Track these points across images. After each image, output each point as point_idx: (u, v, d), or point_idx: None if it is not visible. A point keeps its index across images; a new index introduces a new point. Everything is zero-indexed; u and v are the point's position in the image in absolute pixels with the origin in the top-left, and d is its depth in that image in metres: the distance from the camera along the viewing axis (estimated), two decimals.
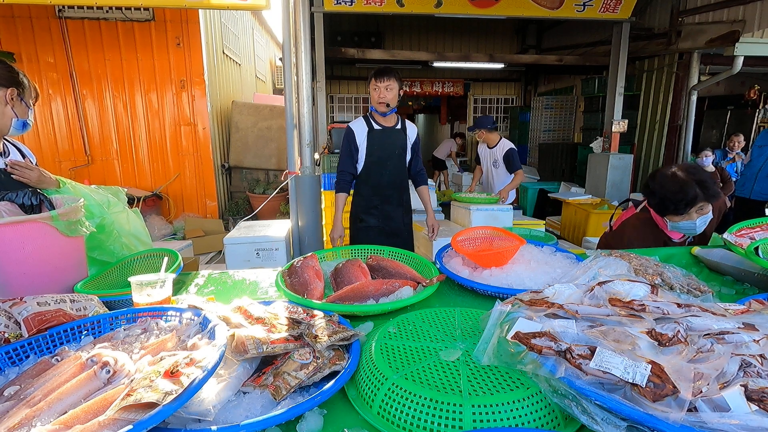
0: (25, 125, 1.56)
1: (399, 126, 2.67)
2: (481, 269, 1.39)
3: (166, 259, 1.26)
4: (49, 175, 1.59)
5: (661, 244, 1.88)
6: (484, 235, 1.64)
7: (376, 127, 2.59)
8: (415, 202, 2.90)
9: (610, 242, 2.07)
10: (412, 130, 2.71)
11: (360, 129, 2.59)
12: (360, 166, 2.63)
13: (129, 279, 1.08)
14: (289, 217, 3.78)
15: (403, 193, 2.75)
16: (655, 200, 1.81)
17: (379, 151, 2.59)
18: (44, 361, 0.79)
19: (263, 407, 0.72)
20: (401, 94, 2.56)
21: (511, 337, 0.77)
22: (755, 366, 0.66)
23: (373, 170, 2.61)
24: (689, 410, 0.59)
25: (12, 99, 1.49)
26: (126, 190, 1.87)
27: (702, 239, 1.98)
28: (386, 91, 2.45)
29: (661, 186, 1.76)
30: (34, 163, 1.70)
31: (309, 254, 1.47)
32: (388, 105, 2.47)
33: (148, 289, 1.06)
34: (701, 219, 1.75)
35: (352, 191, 2.76)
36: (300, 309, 1.01)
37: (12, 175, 1.50)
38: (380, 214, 2.67)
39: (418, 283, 1.28)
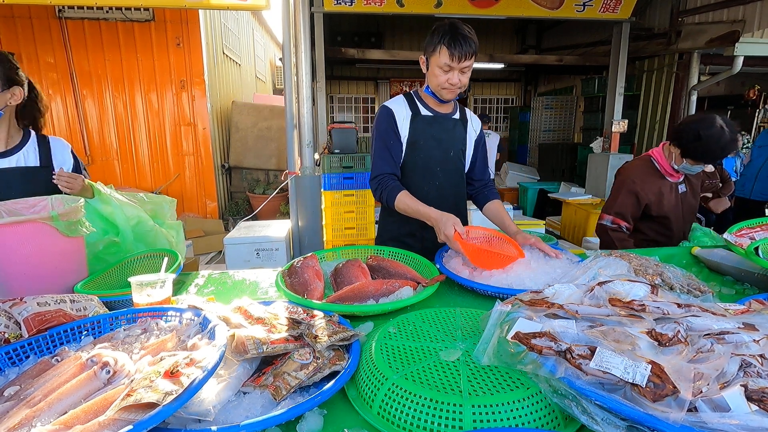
0: None
1: (457, 114, 1.76)
2: (480, 269, 1.39)
3: (166, 259, 1.26)
4: (89, 184, 1.59)
5: (658, 185, 2.06)
6: (485, 236, 1.60)
7: (423, 111, 1.69)
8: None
9: (611, 193, 2.18)
10: (477, 122, 1.83)
11: (401, 111, 1.68)
12: None
13: (129, 279, 1.08)
14: (289, 218, 3.78)
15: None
16: (699, 147, 1.87)
17: (425, 149, 1.69)
18: (44, 362, 0.79)
19: (263, 407, 0.72)
20: None
21: (511, 338, 0.76)
22: (755, 366, 0.66)
23: (415, 177, 1.72)
24: (689, 410, 0.59)
25: None
26: (175, 201, 1.79)
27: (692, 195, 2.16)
28: (462, 75, 1.55)
29: (708, 137, 1.83)
30: (68, 155, 1.68)
31: (309, 254, 1.47)
32: (459, 95, 1.65)
33: (148, 289, 1.06)
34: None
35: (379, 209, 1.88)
36: (300, 309, 1.01)
37: (58, 185, 1.51)
38: (420, 245, 1.71)
39: (418, 283, 1.28)
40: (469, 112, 1.83)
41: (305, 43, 3.12)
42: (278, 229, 3.84)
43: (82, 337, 0.91)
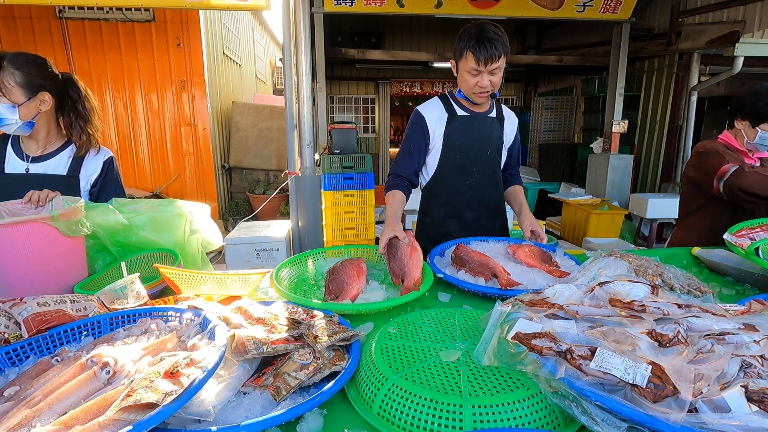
0: None
1: (493, 112, 1.76)
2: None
3: (123, 264, 1.22)
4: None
5: (738, 160, 1.94)
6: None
7: (460, 112, 1.71)
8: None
9: (703, 162, 2.04)
10: (514, 120, 1.83)
11: (434, 115, 1.71)
12: (429, 174, 1.79)
13: (96, 294, 1.07)
14: (289, 218, 3.78)
15: (497, 218, 1.86)
16: (757, 106, 1.86)
17: (461, 149, 1.71)
18: (44, 362, 0.79)
19: (263, 408, 0.72)
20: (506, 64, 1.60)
21: (512, 338, 0.76)
22: (756, 367, 0.66)
23: (451, 177, 1.75)
24: (690, 411, 0.59)
25: None
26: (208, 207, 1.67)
27: None
28: (492, 77, 1.57)
29: (760, 91, 1.86)
30: (98, 165, 1.62)
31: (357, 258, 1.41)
32: (493, 95, 1.66)
33: (119, 293, 1.06)
34: None
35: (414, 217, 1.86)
36: (300, 309, 1.01)
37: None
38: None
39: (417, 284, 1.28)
40: (505, 109, 1.83)
41: (305, 44, 3.12)
42: (278, 229, 3.84)
43: (82, 337, 0.91)
